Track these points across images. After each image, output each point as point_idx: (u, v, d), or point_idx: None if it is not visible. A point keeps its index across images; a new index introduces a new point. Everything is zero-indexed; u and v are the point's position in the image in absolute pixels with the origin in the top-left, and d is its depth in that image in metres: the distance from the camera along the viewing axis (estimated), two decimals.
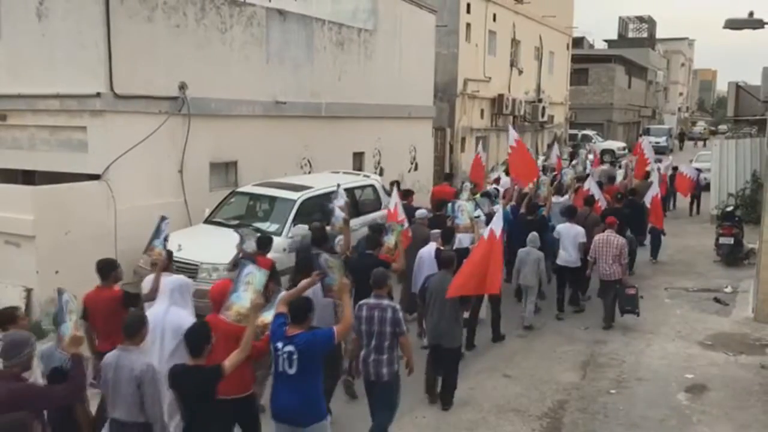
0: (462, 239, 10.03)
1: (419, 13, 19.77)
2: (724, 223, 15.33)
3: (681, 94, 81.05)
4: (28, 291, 9.98)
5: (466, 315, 8.46)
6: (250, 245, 8.34)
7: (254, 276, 5.84)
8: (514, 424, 7.55)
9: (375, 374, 6.55)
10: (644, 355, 9.70)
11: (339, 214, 9.72)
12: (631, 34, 62.35)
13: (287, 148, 14.53)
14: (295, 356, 5.44)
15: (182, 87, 11.93)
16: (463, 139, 24.59)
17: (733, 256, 14.97)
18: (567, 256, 11.20)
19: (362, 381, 6.79)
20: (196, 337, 5.15)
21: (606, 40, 61.27)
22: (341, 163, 15.65)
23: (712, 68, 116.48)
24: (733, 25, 11.45)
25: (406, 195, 12.28)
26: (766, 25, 11.14)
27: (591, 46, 54.96)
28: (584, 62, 43.81)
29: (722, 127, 63.50)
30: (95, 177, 10.96)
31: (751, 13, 11.47)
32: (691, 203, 21.80)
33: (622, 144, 40.15)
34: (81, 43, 10.78)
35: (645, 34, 62.45)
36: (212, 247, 10.05)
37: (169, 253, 7.48)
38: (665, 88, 69.80)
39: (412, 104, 19.24)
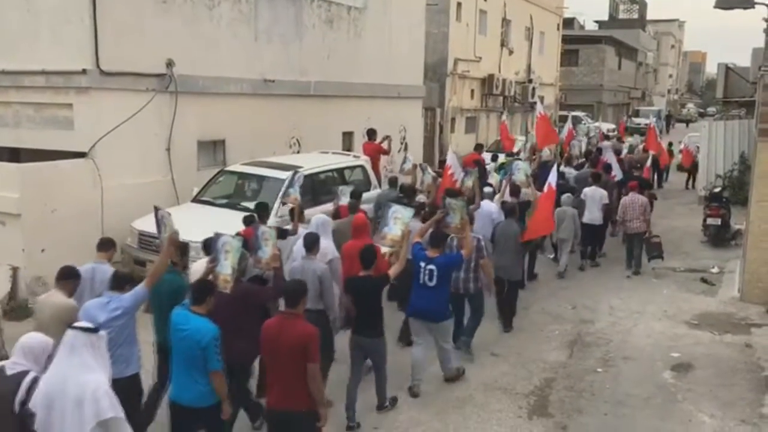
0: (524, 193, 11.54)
1: None
2: (711, 204, 15.39)
3: (671, 75, 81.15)
4: (14, 269, 9.91)
5: None
6: (345, 198, 10.24)
7: (401, 212, 7.76)
8: (501, 401, 7.60)
9: (464, 289, 8.45)
10: (631, 334, 9.77)
11: (429, 171, 11.92)
12: (621, 15, 62.23)
13: (276, 127, 14.42)
14: (435, 272, 7.41)
15: (169, 64, 11.81)
16: (453, 119, 24.52)
17: (720, 236, 15.06)
18: (591, 215, 12.78)
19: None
20: (368, 255, 6.96)
21: (596, 21, 61.17)
22: (330, 142, 15.56)
23: (701, 50, 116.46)
24: (723, 4, 11.44)
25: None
26: (756, 5, 11.12)
27: (581, 27, 54.84)
28: (575, 43, 43.72)
29: (711, 110, 63.76)
30: (81, 155, 10.86)
31: None
32: (688, 178, 23.09)
33: (612, 125, 40.18)
34: (67, 18, 10.64)
35: (635, 15, 62.36)
36: (200, 225, 9.95)
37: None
38: (655, 70, 69.84)
39: (402, 84, 19.11)
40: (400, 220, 7.71)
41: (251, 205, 10.94)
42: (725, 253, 14.42)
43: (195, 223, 10.19)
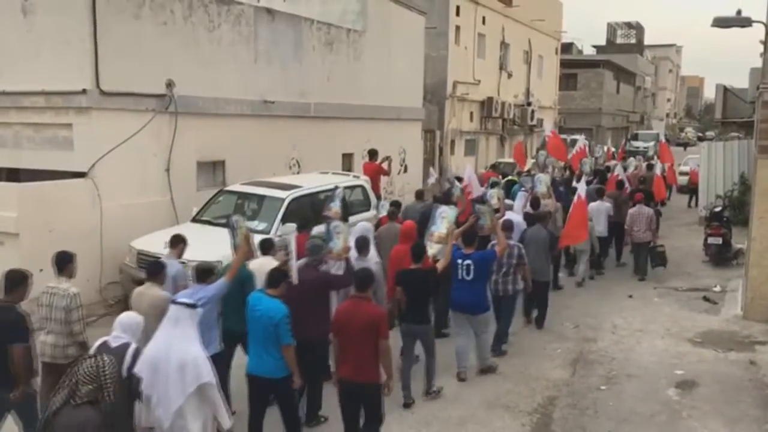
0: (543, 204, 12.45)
1: (408, 14, 19.77)
2: (712, 224, 15.34)
3: (669, 100, 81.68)
4: None
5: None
6: (384, 210, 11.29)
7: (447, 212, 8.81)
8: (503, 419, 7.49)
9: (502, 291, 9.21)
10: (634, 352, 9.67)
11: (458, 185, 13.00)
12: (619, 40, 62.76)
13: (276, 149, 14.45)
14: (471, 267, 8.15)
15: (169, 85, 11.85)
16: (453, 141, 24.59)
17: (722, 256, 14.98)
18: (599, 227, 13.50)
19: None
20: (418, 250, 7.88)
21: (594, 46, 61.64)
22: (330, 164, 15.55)
23: (699, 76, 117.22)
24: (721, 23, 11.48)
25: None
26: (753, 24, 11.17)
27: (580, 52, 55.25)
28: (573, 67, 44.02)
29: (710, 134, 63.94)
30: (81, 175, 10.85)
31: (738, 12, 11.51)
32: (690, 197, 23.52)
33: (612, 149, 40.20)
34: (67, 39, 10.68)
35: (633, 40, 62.86)
36: (199, 245, 9.91)
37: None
38: (653, 94, 70.27)
39: (402, 106, 19.21)
40: (446, 219, 8.76)
41: (251, 224, 10.94)
42: (727, 272, 14.33)
43: (194, 243, 10.17)
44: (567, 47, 47.04)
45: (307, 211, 11.46)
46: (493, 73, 27.52)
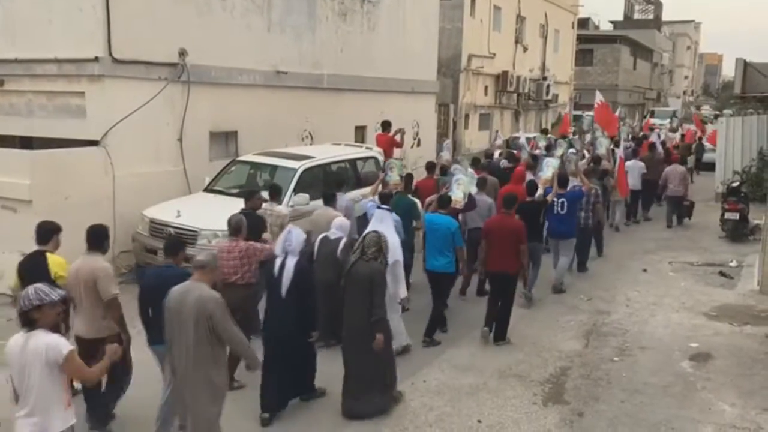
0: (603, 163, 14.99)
1: None
2: (729, 199, 15.15)
3: (686, 77, 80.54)
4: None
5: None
6: (466, 165, 12.46)
7: (551, 161, 12.13)
8: (515, 388, 7.45)
9: (584, 224, 11.73)
10: (648, 324, 9.59)
11: (526, 149, 16.93)
12: (637, 16, 61.87)
13: (288, 120, 14.34)
14: (565, 204, 10.61)
15: (182, 53, 11.74)
16: (467, 115, 24.37)
17: (738, 231, 14.80)
18: (633, 181, 15.86)
19: None
20: (532, 186, 10.77)
21: (611, 21, 60.80)
22: (343, 136, 15.42)
23: (717, 53, 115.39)
24: None
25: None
26: None
27: (596, 27, 54.51)
28: (589, 43, 43.47)
29: (727, 112, 63.06)
30: (94, 143, 10.81)
31: None
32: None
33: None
34: (79, 6, 10.59)
35: (651, 16, 61.91)
36: (211, 214, 9.91)
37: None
38: (671, 71, 69.31)
39: (416, 79, 19.00)
40: (551, 166, 11.69)
41: (263, 194, 10.91)
42: (743, 247, 14.17)
43: (207, 212, 10.17)
44: (583, 22, 46.42)
45: (320, 181, 11.43)
46: (508, 47, 27.19)
